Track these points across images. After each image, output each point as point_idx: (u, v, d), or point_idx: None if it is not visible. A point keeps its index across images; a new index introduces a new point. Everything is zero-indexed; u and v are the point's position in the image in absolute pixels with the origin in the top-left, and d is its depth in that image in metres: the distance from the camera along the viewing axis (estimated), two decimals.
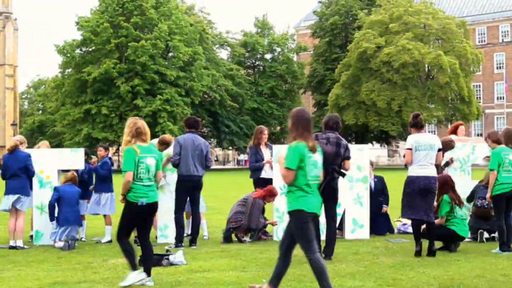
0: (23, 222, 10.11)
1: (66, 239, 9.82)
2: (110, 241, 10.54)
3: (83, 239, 10.86)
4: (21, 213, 10.04)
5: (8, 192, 9.99)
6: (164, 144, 10.17)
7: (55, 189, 10.24)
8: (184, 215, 10.13)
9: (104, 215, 10.76)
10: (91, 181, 11.04)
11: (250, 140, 11.45)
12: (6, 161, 10.06)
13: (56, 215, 10.10)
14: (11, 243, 9.94)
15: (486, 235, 10.09)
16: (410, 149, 8.62)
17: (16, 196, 9.94)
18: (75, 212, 10.16)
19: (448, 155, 10.50)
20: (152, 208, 6.93)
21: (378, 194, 11.38)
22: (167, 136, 10.62)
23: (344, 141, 8.41)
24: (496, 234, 10.12)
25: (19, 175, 9.98)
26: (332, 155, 8.19)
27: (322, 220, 8.09)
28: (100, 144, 11.59)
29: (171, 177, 10.23)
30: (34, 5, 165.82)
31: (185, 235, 10.05)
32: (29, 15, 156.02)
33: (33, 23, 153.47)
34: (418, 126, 8.83)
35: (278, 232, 10.42)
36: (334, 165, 8.22)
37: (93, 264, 8.32)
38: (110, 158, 11.08)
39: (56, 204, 10.10)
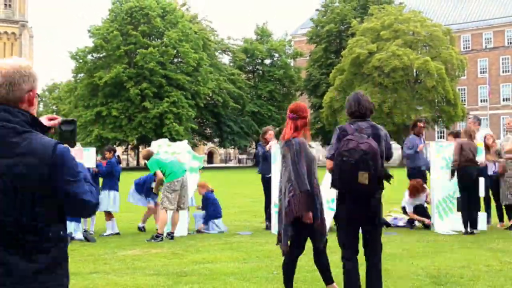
0: None
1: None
2: (118, 233, 10.60)
3: (91, 232, 10.87)
4: None
5: None
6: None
7: None
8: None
9: (109, 212, 10.73)
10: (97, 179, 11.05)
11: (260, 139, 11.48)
12: None
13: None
14: None
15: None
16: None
17: None
18: None
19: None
20: None
21: None
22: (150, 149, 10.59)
23: (383, 131, 5.18)
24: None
25: None
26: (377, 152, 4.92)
27: None
28: (105, 147, 11.62)
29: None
30: (48, 13, 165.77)
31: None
32: (43, 23, 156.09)
33: (46, 30, 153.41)
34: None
35: (276, 226, 10.40)
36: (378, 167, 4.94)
37: (103, 256, 8.32)
38: (118, 157, 11.09)
39: None
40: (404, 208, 11.18)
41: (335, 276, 5.74)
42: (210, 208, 10.91)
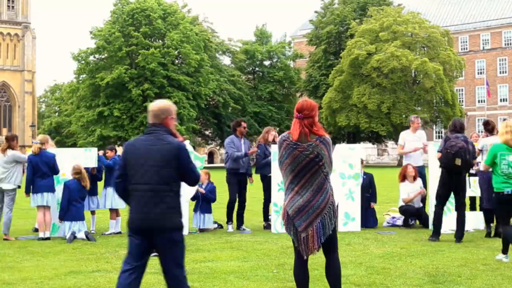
0: (50, 216, 10.15)
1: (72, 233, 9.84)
2: (120, 233, 10.57)
3: (92, 232, 10.81)
4: (49, 208, 10.11)
5: (38, 190, 9.97)
6: None
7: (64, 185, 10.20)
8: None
9: (115, 209, 10.72)
10: (99, 177, 11.11)
11: (260, 138, 11.49)
12: (34, 162, 10.02)
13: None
14: (41, 235, 9.96)
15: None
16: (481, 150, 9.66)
17: (46, 194, 10.00)
18: (79, 208, 10.14)
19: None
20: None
21: (365, 190, 11.19)
22: None
23: (470, 140, 8.92)
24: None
25: (48, 174, 10.02)
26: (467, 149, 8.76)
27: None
28: (107, 147, 11.59)
29: None
30: (49, 14, 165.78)
31: None
32: (45, 24, 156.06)
33: (48, 31, 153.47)
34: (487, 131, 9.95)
35: (276, 225, 10.40)
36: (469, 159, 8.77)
37: (105, 254, 8.32)
38: (119, 156, 11.05)
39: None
40: (400, 208, 11.15)
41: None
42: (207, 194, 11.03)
